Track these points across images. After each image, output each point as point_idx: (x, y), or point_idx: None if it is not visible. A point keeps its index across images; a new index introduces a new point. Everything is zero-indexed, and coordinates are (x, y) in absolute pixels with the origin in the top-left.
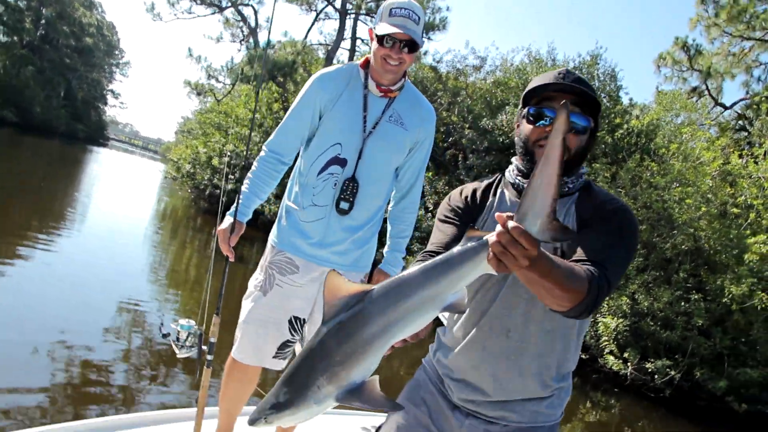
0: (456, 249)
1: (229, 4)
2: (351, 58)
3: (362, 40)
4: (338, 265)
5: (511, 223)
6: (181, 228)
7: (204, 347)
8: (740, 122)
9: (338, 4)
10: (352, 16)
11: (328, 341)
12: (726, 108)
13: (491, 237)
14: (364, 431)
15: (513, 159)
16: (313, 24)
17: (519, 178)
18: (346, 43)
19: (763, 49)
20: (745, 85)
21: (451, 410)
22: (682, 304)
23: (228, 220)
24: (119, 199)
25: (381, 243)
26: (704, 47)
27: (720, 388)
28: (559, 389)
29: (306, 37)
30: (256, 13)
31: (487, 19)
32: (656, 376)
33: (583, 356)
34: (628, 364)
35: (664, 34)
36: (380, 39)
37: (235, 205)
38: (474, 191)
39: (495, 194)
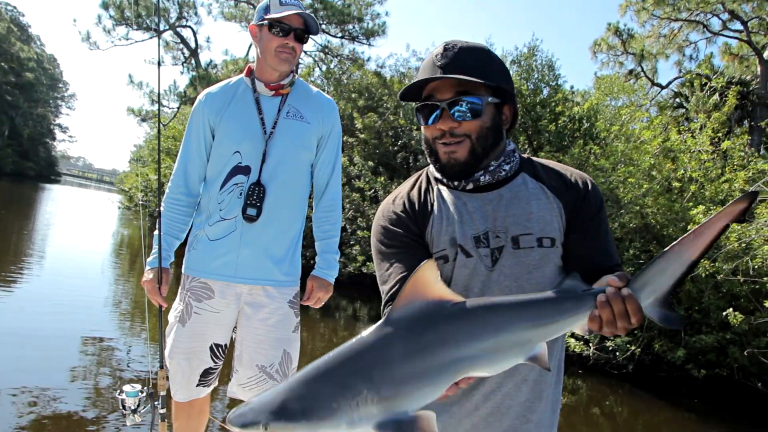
0: (552, 293)
1: (167, 27)
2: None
3: (305, 52)
4: (258, 280)
5: (626, 291)
6: (139, 258)
7: (156, 402)
8: (677, 100)
9: None
10: None
11: (394, 347)
12: (662, 87)
13: (600, 297)
14: None
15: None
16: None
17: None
18: None
19: (691, 28)
20: (678, 64)
21: None
22: None
23: (151, 270)
24: (75, 236)
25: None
26: (636, 31)
27: (679, 358)
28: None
29: (247, 54)
30: (195, 34)
31: (429, 10)
32: (617, 353)
33: None
34: (590, 344)
35: (599, 21)
36: (271, 28)
37: (156, 253)
38: (408, 200)
39: (430, 194)
